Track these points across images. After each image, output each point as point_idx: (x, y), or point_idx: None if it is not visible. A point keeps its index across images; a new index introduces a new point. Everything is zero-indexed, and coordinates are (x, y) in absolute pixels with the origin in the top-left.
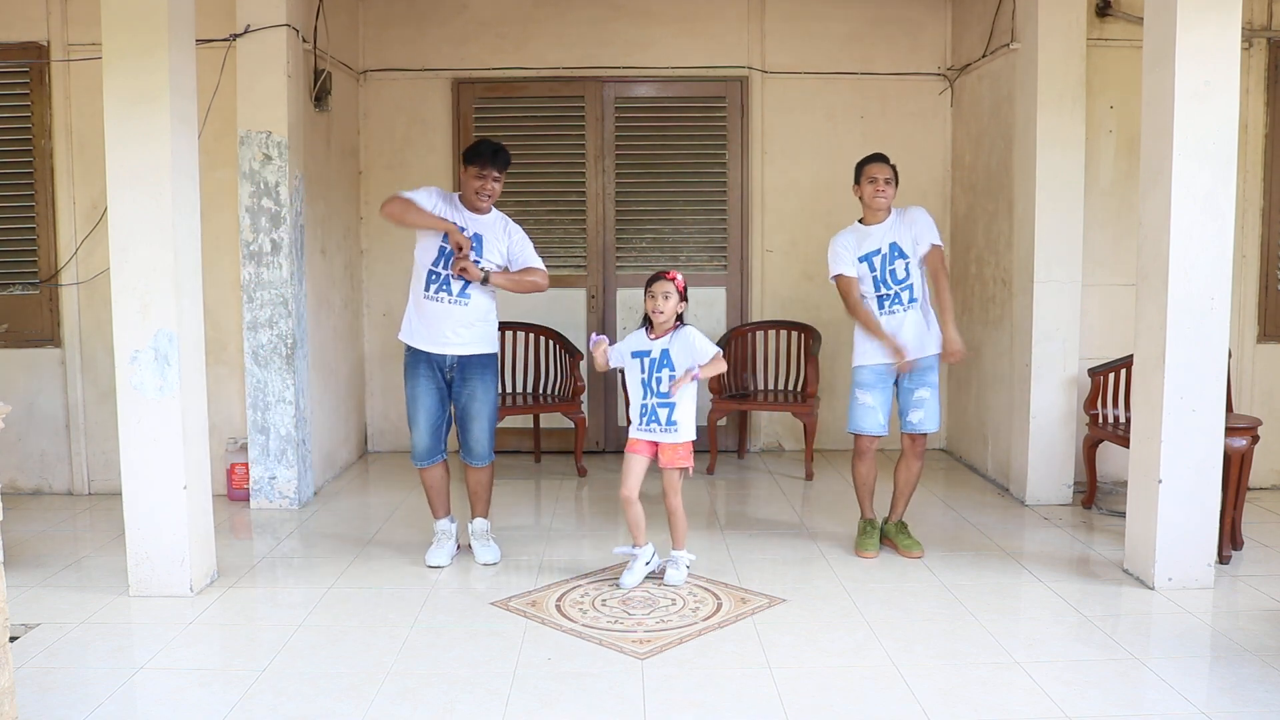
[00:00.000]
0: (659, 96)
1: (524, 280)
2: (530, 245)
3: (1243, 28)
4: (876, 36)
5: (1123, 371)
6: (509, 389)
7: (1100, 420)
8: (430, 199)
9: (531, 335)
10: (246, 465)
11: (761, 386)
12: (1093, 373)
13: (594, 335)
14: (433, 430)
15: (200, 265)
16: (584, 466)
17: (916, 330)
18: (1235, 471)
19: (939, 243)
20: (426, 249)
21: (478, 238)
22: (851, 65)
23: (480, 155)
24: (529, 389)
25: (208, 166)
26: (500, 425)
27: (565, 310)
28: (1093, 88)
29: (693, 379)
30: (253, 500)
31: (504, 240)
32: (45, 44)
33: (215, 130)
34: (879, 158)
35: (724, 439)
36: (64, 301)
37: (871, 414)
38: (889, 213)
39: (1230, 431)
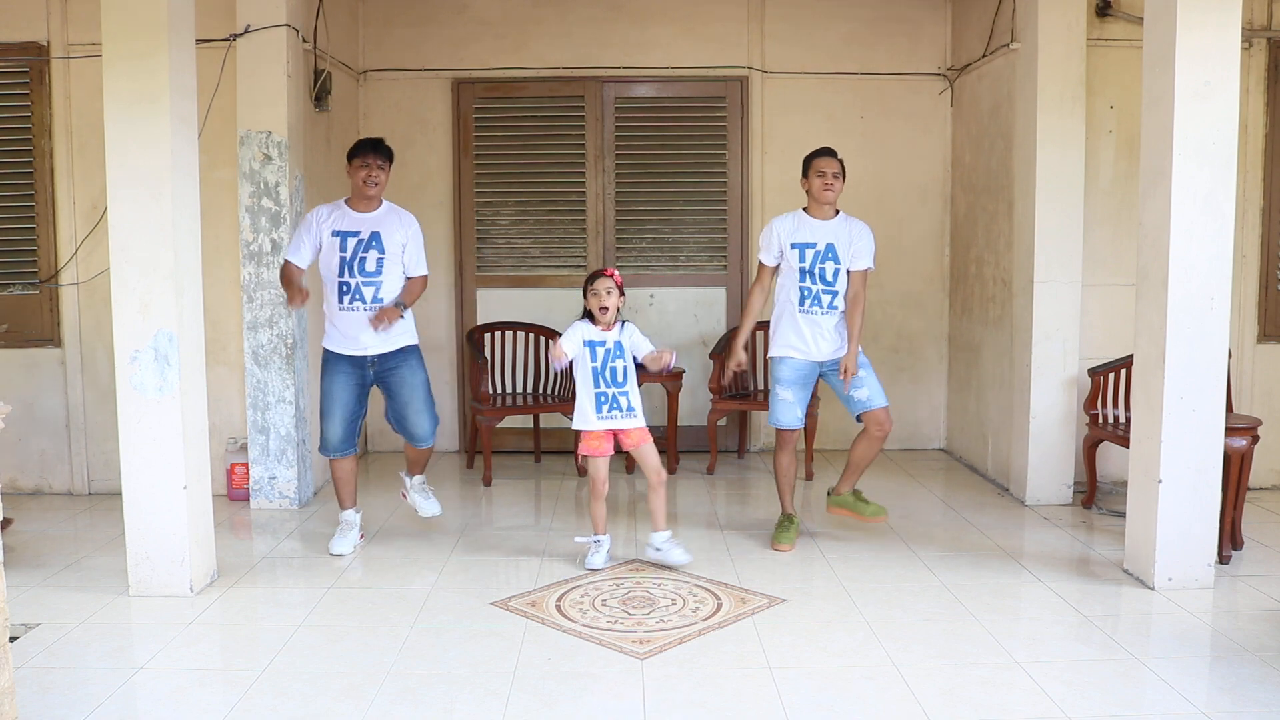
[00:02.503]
0: (659, 96)
1: (414, 295)
2: (422, 246)
3: (1243, 28)
4: (876, 36)
5: (1123, 371)
6: (509, 389)
7: (1100, 420)
8: (310, 228)
9: (531, 335)
10: (246, 465)
11: (761, 386)
12: (1093, 373)
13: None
14: (347, 423)
15: (200, 265)
16: (584, 466)
17: (832, 336)
18: (1235, 471)
19: (872, 268)
20: (328, 263)
21: (375, 235)
22: (851, 65)
23: (360, 147)
24: (529, 389)
25: (208, 166)
26: (500, 425)
27: (565, 310)
28: (1093, 88)
29: (667, 364)
30: (253, 500)
31: (402, 231)
32: (45, 44)
33: (215, 130)
34: (828, 152)
35: (724, 439)
36: (64, 301)
37: (790, 409)
38: (836, 212)
39: (1230, 431)
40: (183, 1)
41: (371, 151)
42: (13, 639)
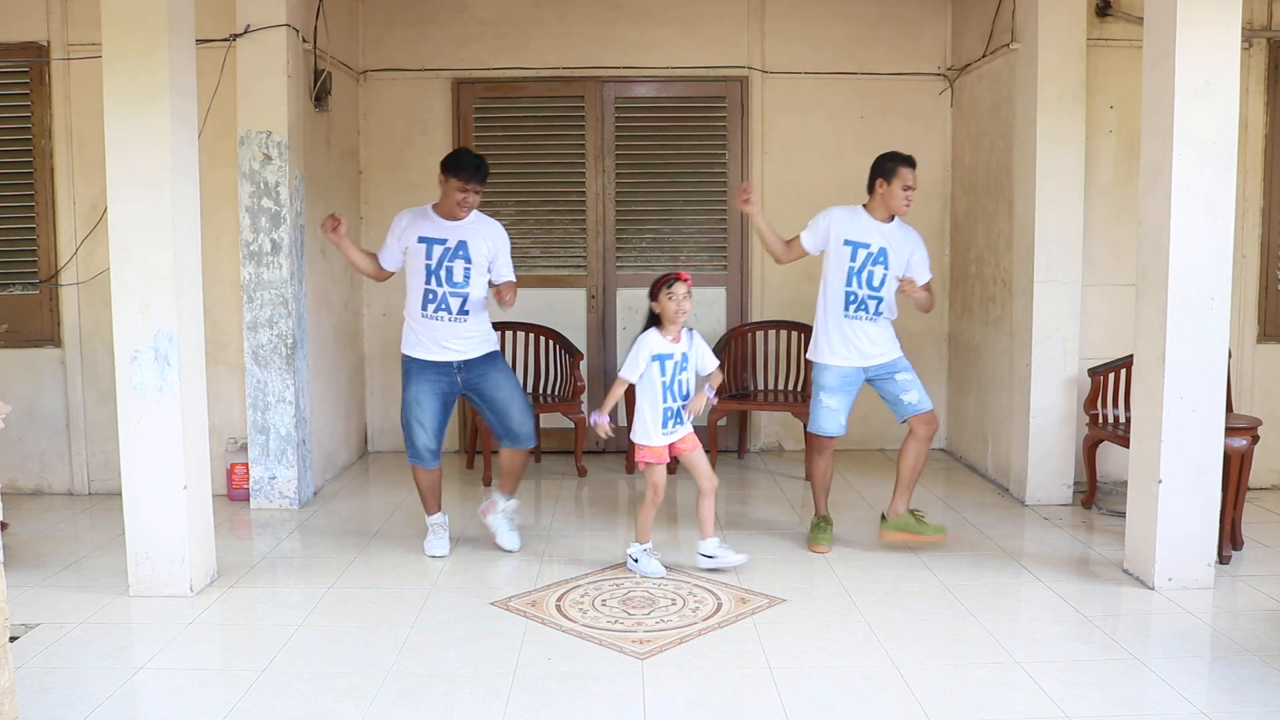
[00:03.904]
0: (659, 96)
1: (512, 299)
2: (509, 252)
3: (1243, 28)
4: (876, 37)
5: (1123, 371)
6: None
7: (1100, 420)
8: (396, 232)
9: (531, 335)
10: (246, 465)
11: (761, 386)
12: (1093, 373)
13: (594, 416)
14: (438, 432)
15: (200, 265)
16: (584, 466)
17: (877, 338)
18: (1235, 471)
19: (930, 277)
20: (414, 269)
21: (462, 244)
22: (851, 65)
23: (464, 169)
24: (529, 389)
25: (208, 166)
26: None
27: (565, 310)
28: (1093, 88)
29: (709, 401)
30: (253, 500)
31: (489, 241)
32: (45, 44)
33: (215, 130)
34: (913, 161)
35: (724, 439)
36: (64, 301)
37: (834, 416)
38: (892, 216)
39: (1230, 431)
40: (183, 1)
41: (475, 178)
42: (13, 639)
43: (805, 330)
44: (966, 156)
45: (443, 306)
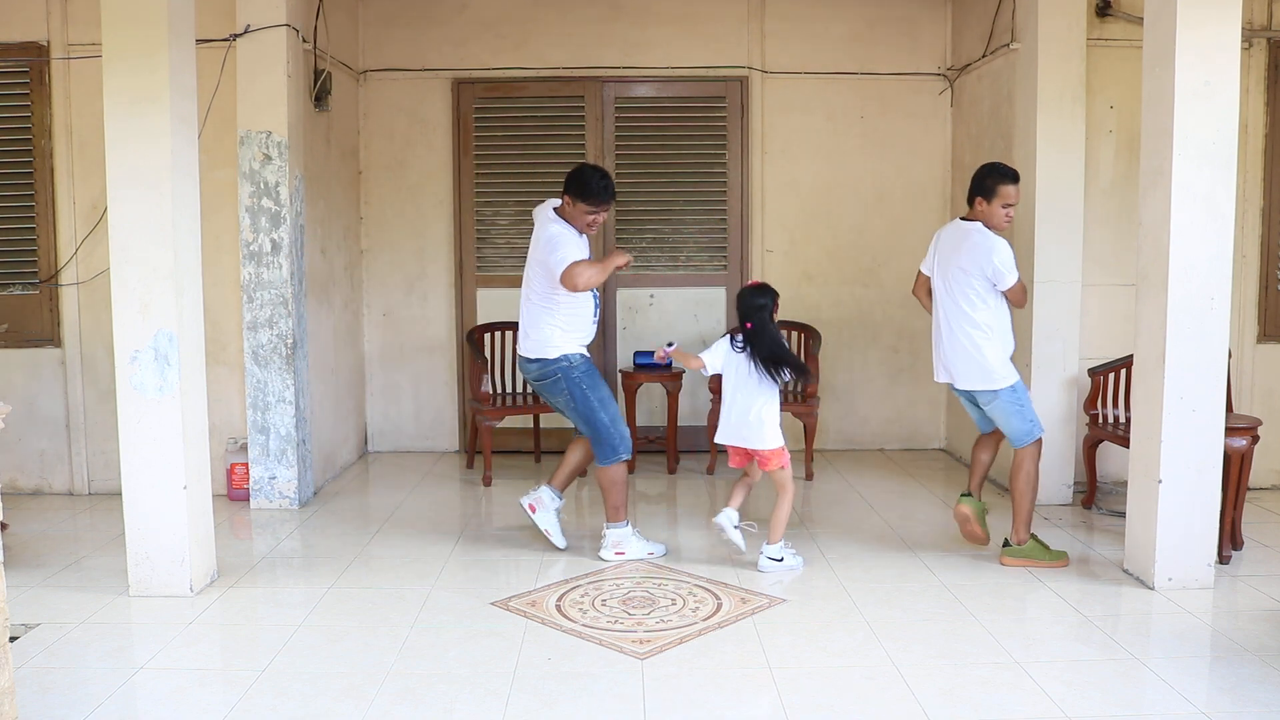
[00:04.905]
0: (659, 96)
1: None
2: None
3: (1243, 28)
4: (876, 36)
5: (1123, 371)
6: (509, 389)
7: (1100, 420)
8: (576, 242)
9: None
10: (246, 465)
11: None
12: (1093, 373)
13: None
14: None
15: (200, 265)
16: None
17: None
18: (1235, 471)
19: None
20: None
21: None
22: (851, 65)
23: (596, 195)
24: (529, 389)
25: (208, 166)
26: (500, 425)
27: None
28: (1093, 88)
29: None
30: (253, 500)
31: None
32: (45, 44)
33: (215, 130)
34: (1016, 177)
35: None
36: (64, 301)
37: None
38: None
39: (1230, 431)
40: (183, 1)
41: (609, 202)
42: (13, 639)
43: (805, 330)
44: (966, 156)
45: (596, 312)
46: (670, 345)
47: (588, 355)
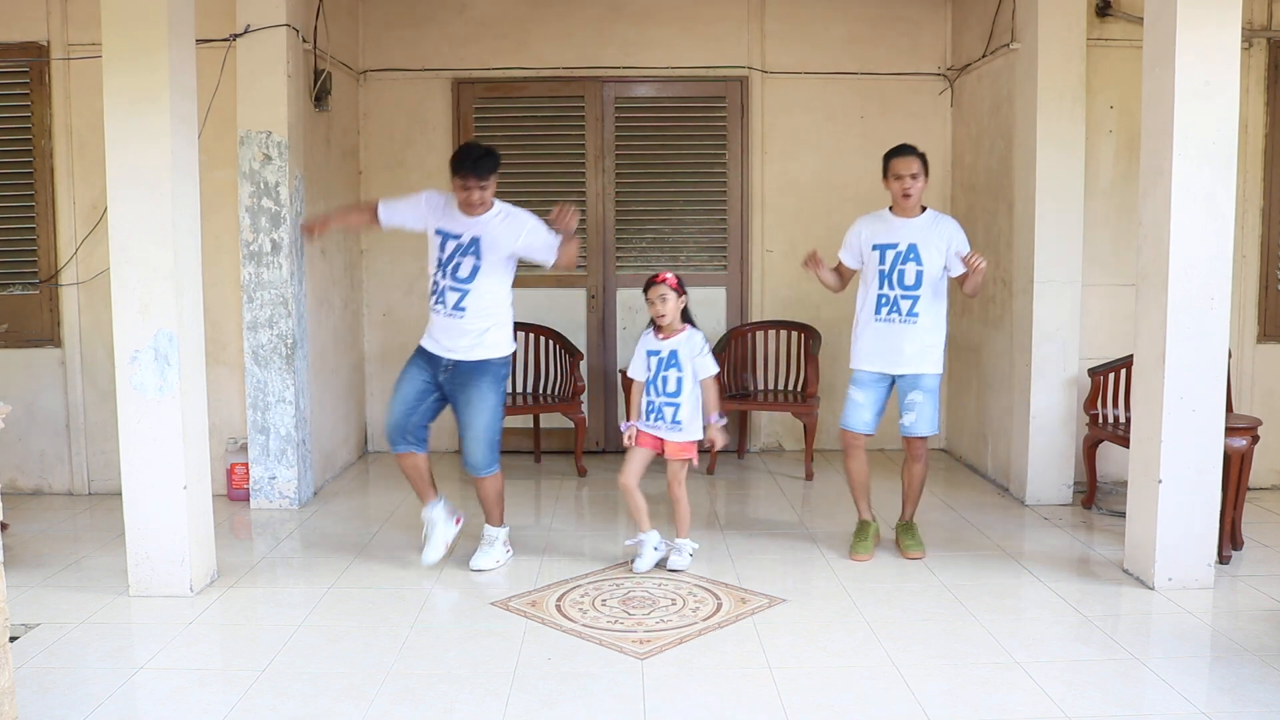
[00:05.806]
0: (659, 96)
1: (571, 257)
2: (541, 232)
3: (1243, 28)
4: (876, 37)
5: (1123, 371)
6: (509, 389)
7: (1100, 420)
8: (417, 205)
9: (531, 335)
10: (246, 465)
11: (761, 386)
12: (1093, 373)
13: (623, 425)
14: (404, 414)
15: (200, 265)
16: (584, 466)
17: (911, 343)
18: (1235, 471)
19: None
20: (430, 260)
21: (475, 241)
22: (851, 65)
23: (459, 166)
24: (529, 389)
25: (208, 166)
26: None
27: (565, 310)
28: (1093, 88)
29: (714, 423)
30: (253, 500)
31: (509, 240)
32: (45, 44)
33: (215, 130)
34: (906, 150)
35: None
36: (64, 301)
37: (858, 411)
38: (921, 210)
39: (1230, 431)
40: (183, 1)
41: (471, 173)
42: (13, 639)
43: (805, 330)
44: (966, 156)
45: (441, 299)
46: (629, 425)
47: (420, 344)
